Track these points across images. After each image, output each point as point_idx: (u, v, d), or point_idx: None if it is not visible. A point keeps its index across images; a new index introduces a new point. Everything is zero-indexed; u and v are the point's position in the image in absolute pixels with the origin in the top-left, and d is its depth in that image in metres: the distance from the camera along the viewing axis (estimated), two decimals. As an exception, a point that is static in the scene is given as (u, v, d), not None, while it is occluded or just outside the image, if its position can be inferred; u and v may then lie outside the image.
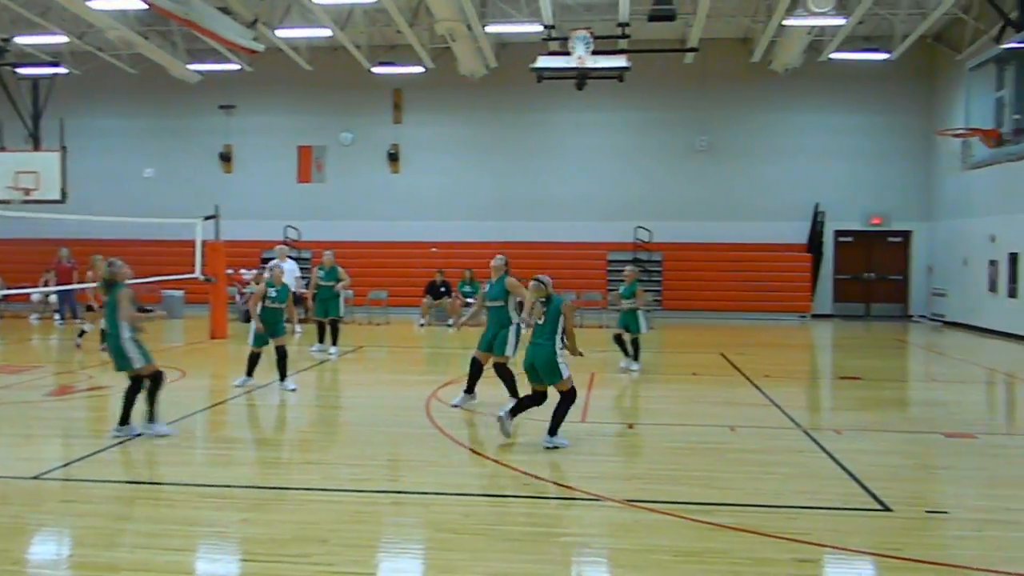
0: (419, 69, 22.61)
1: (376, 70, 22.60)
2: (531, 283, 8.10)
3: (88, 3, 17.41)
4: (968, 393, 12.25)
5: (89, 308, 15.20)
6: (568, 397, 7.77)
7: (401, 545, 5.47)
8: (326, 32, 20.14)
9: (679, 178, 23.59)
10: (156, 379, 8.15)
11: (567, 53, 16.17)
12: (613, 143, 23.93)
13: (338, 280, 14.69)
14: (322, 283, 14.74)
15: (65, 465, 7.22)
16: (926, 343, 18.47)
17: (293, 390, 10.68)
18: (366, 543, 5.38)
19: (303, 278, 19.88)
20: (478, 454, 7.57)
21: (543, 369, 7.77)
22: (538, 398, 7.93)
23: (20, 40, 21.14)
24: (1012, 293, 18.41)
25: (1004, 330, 18.59)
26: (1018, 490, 6.72)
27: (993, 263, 19.29)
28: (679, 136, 23.71)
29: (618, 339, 12.76)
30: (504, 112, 24.02)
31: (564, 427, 7.76)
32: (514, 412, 7.95)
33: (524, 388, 9.38)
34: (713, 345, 16.74)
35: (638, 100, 23.09)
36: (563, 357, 7.81)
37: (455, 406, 9.59)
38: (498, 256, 9.66)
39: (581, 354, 8.21)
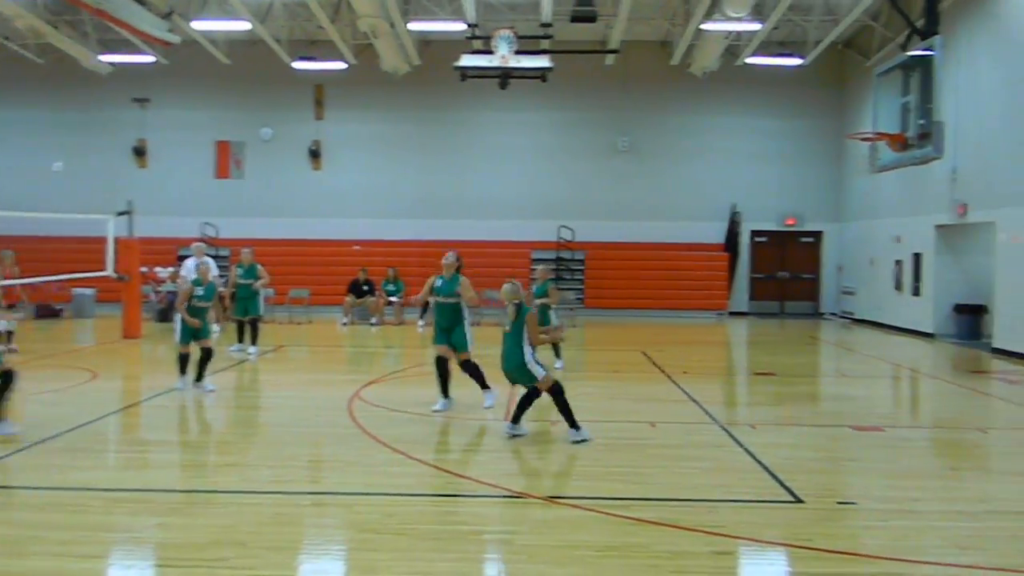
0: (341, 65, 22.34)
1: (297, 65, 22.24)
2: (505, 285, 8.19)
3: (-8, -11, 16.68)
4: (875, 388, 12.75)
5: (10, 306, 14.42)
6: (555, 392, 7.93)
7: (322, 547, 5.42)
8: (245, 25, 19.69)
9: (601, 178, 23.88)
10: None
11: (490, 52, 16.19)
12: (536, 142, 24.09)
13: (257, 278, 14.42)
14: (241, 281, 14.45)
15: (-32, 471, 6.92)
16: (836, 340, 19.12)
17: (211, 391, 10.45)
18: (287, 545, 5.30)
19: (221, 276, 19.45)
20: (401, 453, 7.53)
21: (517, 374, 8.09)
22: (533, 394, 8.08)
23: (-83, 26, 20.14)
24: (916, 291, 19.19)
25: (908, 327, 19.38)
26: (922, 481, 7.03)
27: (898, 263, 20.07)
28: (601, 136, 24.00)
29: None
30: (427, 110, 23.93)
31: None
32: (517, 419, 8.09)
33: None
34: (634, 343, 17.01)
35: (561, 100, 23.29)
36: (535, 358, 8.01)
37: (436, 411, 9.33)
38: (450, 253, 9.55)
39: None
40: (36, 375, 11.97)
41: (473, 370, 9.41)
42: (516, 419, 8.04)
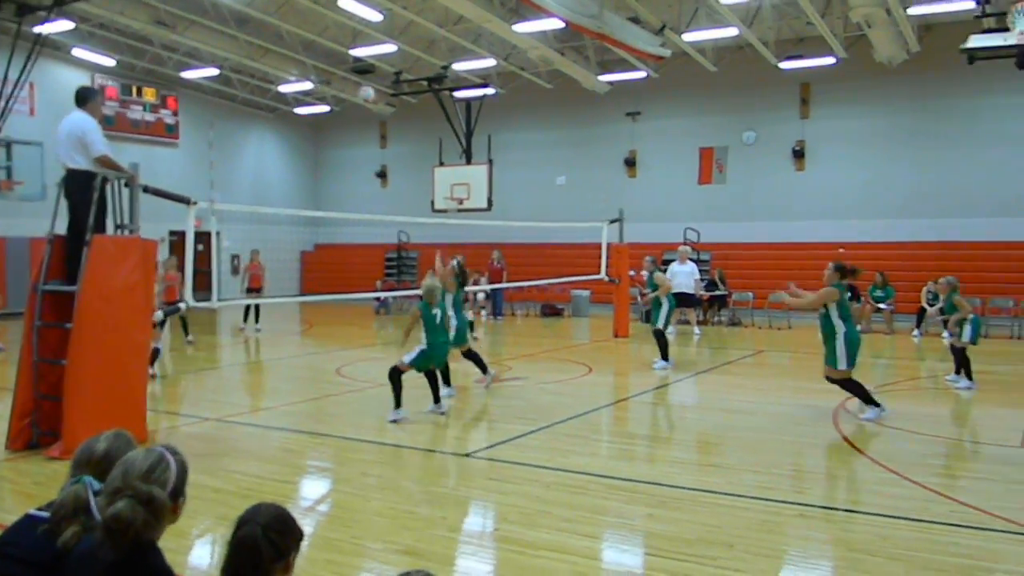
0: (830, 60, 21.46)
1: (783, 65, 21.92)
2: None
3: (514, 27, 19.11)
4: None
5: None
6: None
7: (810, 560, 5.22)
8: (732, 31, 19.96)
9: None
10: None
11: (1005, 29, 14.30)
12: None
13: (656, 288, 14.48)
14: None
15: (490, 447, 8.01)
16: None
17: None
18: (772, 553, 5.22)
19: (702, 280, 20.11)
20: (894, 472, 6.97)
21: None
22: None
23: (456, 66, 23.91)
24: None
25: None
26: None
27: None
28: None
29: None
30: (926, 100, 21.88)
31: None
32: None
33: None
34: None
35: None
36: None
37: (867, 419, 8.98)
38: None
39: None
40: (544, 366, 13.49)
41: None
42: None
